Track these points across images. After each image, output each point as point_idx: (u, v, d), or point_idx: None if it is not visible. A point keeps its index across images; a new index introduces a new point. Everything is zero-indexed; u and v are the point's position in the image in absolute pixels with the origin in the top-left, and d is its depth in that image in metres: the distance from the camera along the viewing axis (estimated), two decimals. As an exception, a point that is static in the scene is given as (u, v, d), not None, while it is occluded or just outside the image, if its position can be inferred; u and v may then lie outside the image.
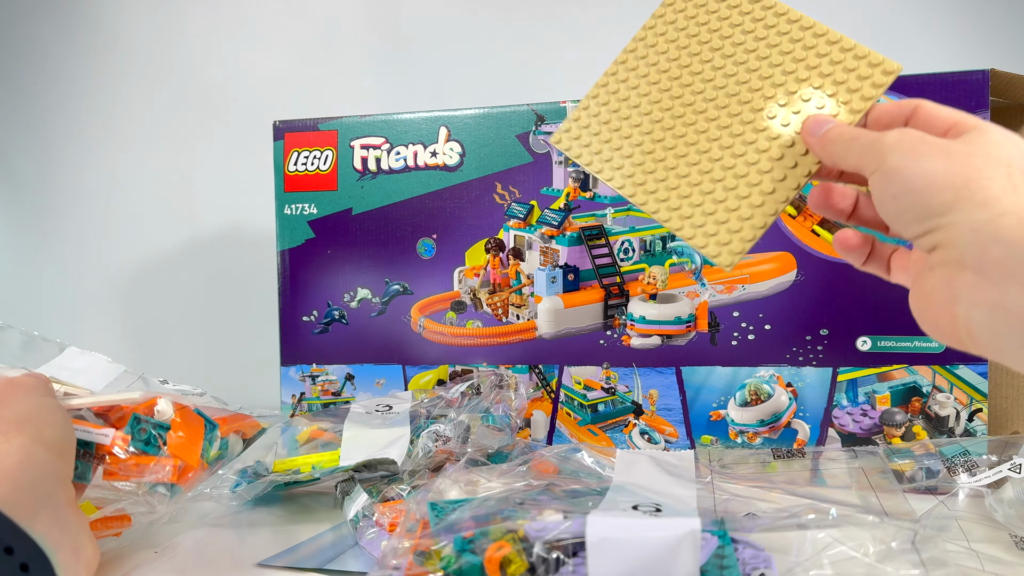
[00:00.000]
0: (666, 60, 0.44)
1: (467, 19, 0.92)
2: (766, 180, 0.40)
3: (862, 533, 0.39)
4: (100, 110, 0.98)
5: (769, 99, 0.42)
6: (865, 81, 0.41)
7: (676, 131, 0.43)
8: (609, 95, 0.45)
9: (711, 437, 0.64)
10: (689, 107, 0.43)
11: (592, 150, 0.44)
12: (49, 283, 1.01)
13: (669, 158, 0.42)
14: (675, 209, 0.41)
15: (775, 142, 0.41)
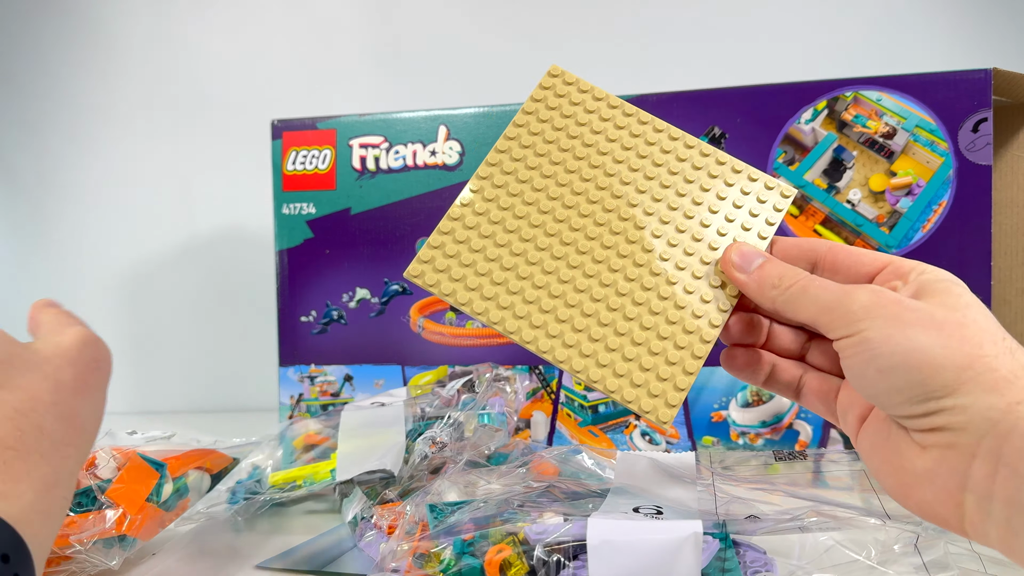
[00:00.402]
0: (540, 177, 0.39)
1: (466, 17, 0.92)
2: (686, 320, 0.37)
3: (864, 536, 0.39)
4: (98, 109, 0.98)
5: (665, 223, 0.38)
6: (764, 205, 0.39)
7: (566, 262, 0.38)
8: (477, 216, 0.39)
9: (712, 438, 0.64)
10: (577, 233, 0.38)
11: (466, 285, 0.38)
12: (47, 283, 1.00)
13: (567, 294, 0.38)
14: (586, 356, 0.37)
15: (682, 273, 0.38)
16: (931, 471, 0.30)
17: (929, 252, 0.58)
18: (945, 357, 0.29)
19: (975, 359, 0.28)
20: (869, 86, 0.59)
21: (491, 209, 0.39)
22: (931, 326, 0.29)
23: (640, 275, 0.38)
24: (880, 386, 0.30)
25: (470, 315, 0.38)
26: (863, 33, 0.84)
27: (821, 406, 0.37)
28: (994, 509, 0.28)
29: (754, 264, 0.35)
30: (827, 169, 0.60)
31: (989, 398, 0.28)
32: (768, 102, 0.61)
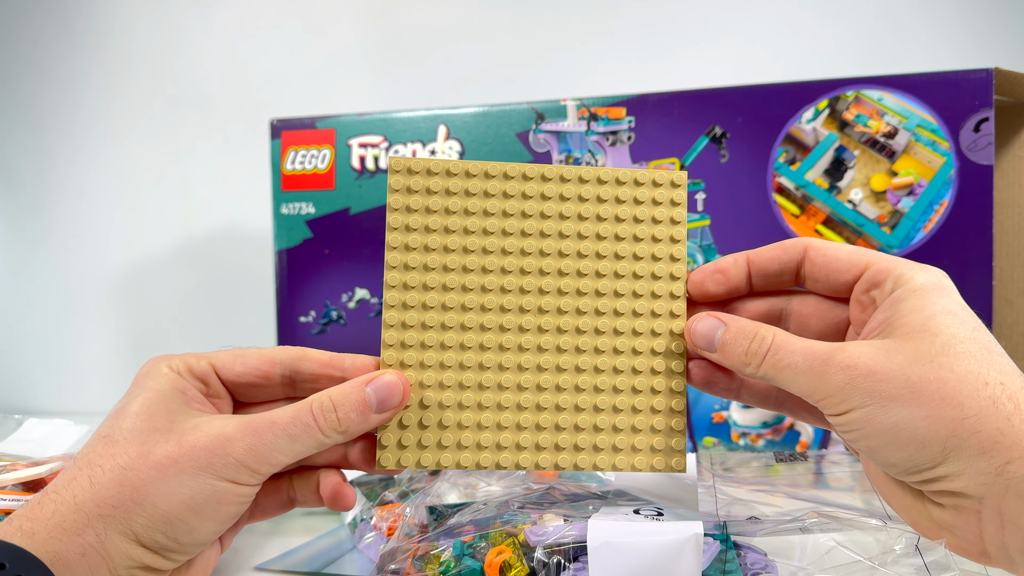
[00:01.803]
0: (445, 291, 0.36)
1: (466, 16, 0.92)
2: (651, 363, 0.36)
3: (865, 537, 0.38)
4: (97, 108, 0.98)
5: (584, 276, 0.37)
6: (661, 207, 0.37)
7: (519, 367, 0.36)
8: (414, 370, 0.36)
9: (713, 439, 0.63)
10: (510, 333, 0.36)
11: (441, 445, 0.36)
12: (45, 283, 1.00)
13: (537, 399, 0.36)
14: (582, 450, 0.36)
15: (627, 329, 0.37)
16: (950, 523, 0.30)
17: (930, 252, 0.58)
18: (928, 429, 0.28)
19: (957, 425, 0.28)
20: (870, 85, 0.59)
21: (421, 346, 0.36)
22: (910, 396, 0.29)
23: (589, 343, 0.37)
24: (876, 459, 0.31)
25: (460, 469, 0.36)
26: (864, 32, 0.84)
27: (810, 417, 0.37)
28: (1015, 557, 0.29)
29: (716, 340, 0.34)
30: (828, 169, 0.60)
31: (977, 464, 0.28)
32: (769, 102, 0.61)
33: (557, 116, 0.66)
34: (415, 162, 0.37)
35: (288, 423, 0.32)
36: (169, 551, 0.32)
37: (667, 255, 0.38)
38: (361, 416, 0.33)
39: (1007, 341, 0.63)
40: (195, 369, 0.35)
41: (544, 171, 0.38)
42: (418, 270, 0.36)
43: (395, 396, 0.34)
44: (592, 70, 0.89)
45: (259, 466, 0.32)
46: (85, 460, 0.32)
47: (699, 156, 0.62)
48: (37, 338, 1.01)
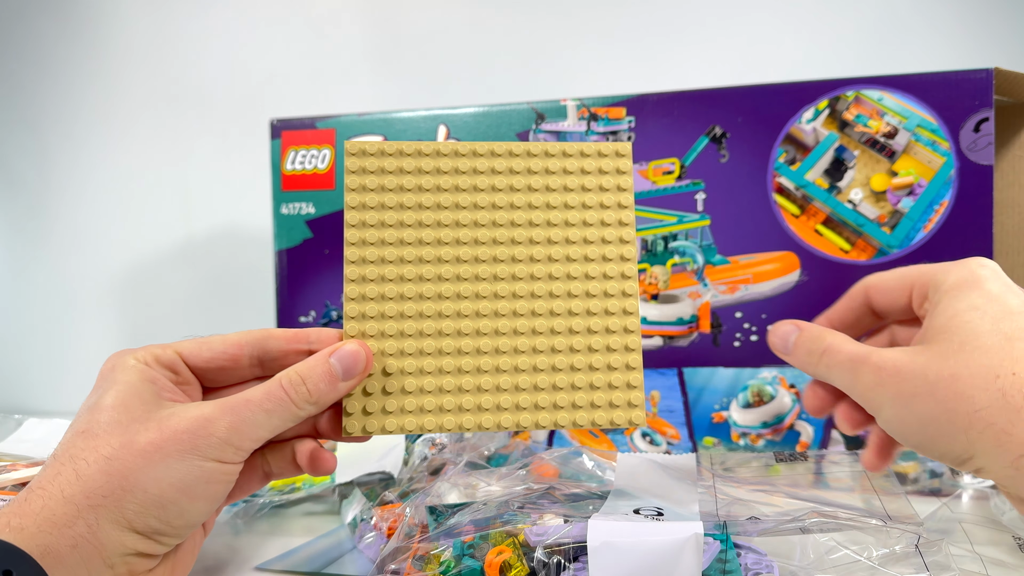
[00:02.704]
0: (404, 263, 0.38)
1: (466, 16, 0.92)
2: (607, 322, 0.38)
3: (866, 537, 0.38)
4: (96, 108, 0.98)
5: (537, 244, 0.38)
6: (608, 176, 0.39)
7: (478, 331, 0.37)
8: (375, 337, 0.37)
9: (713, 439, 0.63)
10: (468, 301, 0.38)
11: (404, 410, 0.37)
12: (45, 282, 1.00)
13: (497, 361, 0.37)
14: (543, 409, 0.37)
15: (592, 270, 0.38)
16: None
17: (930, 252, 0.58)
18: (949, 423, 0.30)
19: (972, 418, 0.30)
20: (870, 85, 0.59)
21: (381, 317, 0.37)
22: (927, 393, 0.31)
23: (545, 306, 0.38)
24: (925, 454, 0.33)
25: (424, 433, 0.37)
26: (864, 32, 0.84)
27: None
28: None
29: (790, 343, 0.37)
30: (828, 169, 0.60)
31: (997, 457, 0.30)
32: (769, 102, 0.61)
33: (557, 116, 0.66)
34: (369, 144, 0.39)
35: (262, 399, 0.33)
36: (162, 535, 0.32)
37: (616, 220, 0.39)
38: (329, 386, 0.35)
39: (1007, 341, 0.63)
40: (162, 359, 0.36)
41: (493, 147, 0.39)
42: (376, 246, 0.38)
43: (359, 364, 0.35)
44: (592, 70, 0.89)
45: (242, 442, 0.33)
46: (66, 455, 0.32)
47: (699, 156, 0.62)
48: (37, 338, 1.01)
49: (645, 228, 0.64)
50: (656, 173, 0.64)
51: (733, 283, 0.62)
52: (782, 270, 0.61)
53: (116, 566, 0.31)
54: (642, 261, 0.64)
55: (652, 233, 0.64)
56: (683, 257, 0.63)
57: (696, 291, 0.63)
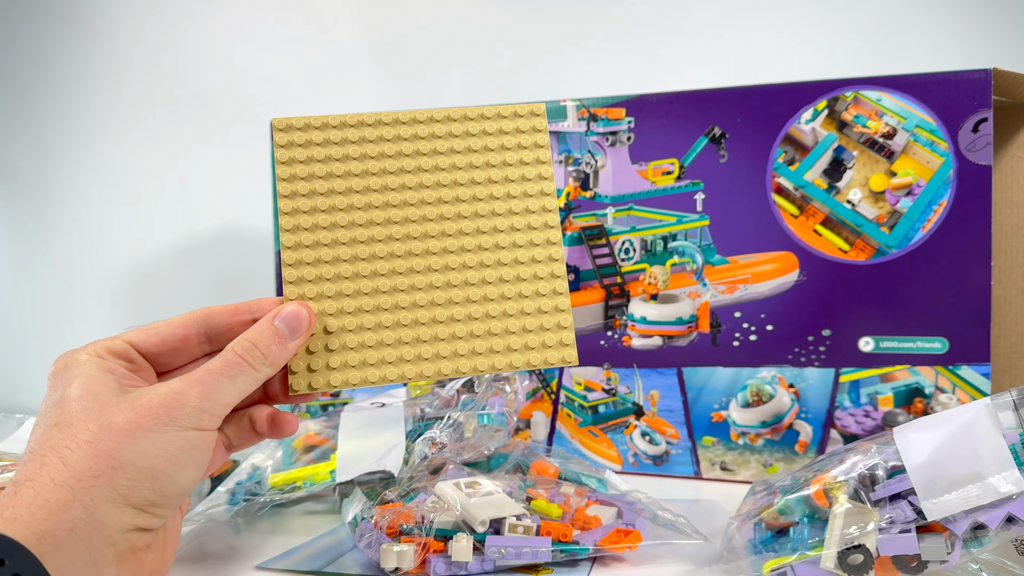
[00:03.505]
0: (340, 228, 0.39)
1: (466, 17, 0.92)
2: (534, 269, 0.40)
3: None
4: (97, 109, 0.98)
5: (463, 202, 0.40)
6: (526, 135, 0.41)
7: (413, 286, 0.39)
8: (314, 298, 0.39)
9: (713, 438, 0.64)
10: (402, 259, 0.39)
11: (348, 364, 0.38)
12: (46, 283, 1.00)
13: (434, 312, 0.39)
14: (480, 355, 0.39)
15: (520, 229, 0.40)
16: None
17: (929, 252, 0.58)
18: None
19: None
20: (869, 86, 0.59)
21: (318, 279, 0.39)
22: None
23: (475, 259, 0.40)
24: None
25: (368, 387, 0.38)
26: (863, 33, 0.84)
27: None
28: None
29: None
30: (827, 169, 0.60)
31: None
32: (768, 102, 0.61)
33: (557, 116, 0.66)
34: (295, 119, 0.41)
35: (223, 367, 0.35)
36: (156, 506, 0.33)
37: (536, 175, 0.41)
38: (280, 346, 0.36)
39: (1006, 340, 0.63)
40: (114, 349, 0.37)
41: (415, 115, 0.41)
42: (308, 213, 0.39)
43: (302, 322, 0.37)
44: (592, 70, 0.89)
45: (214, 409, 0.34)
46: (45, 447, 0.32)
47: (698, 156, 0.63)
48: (38, 338, 1.01)
49: (645, 228, 0.64)
50: (656, 173, 0.64)
51: (732, 283, 0.62)
52: (781, 270, 0.61)
53: (117, 543, 0.31)
54: (641, 261, 0.65)
55: (652, 233, 0.64)
56: (682, 257, 0.64)
57: (695, 291, 0.63)
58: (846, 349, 0.60)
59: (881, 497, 0.38)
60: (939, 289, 0.58)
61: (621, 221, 0.65)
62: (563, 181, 0.66)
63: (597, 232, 0.65)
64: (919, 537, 0.36)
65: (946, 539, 0.36)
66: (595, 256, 0.65)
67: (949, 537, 0.36)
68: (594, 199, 0.65)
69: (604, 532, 0.44)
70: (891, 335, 0.59)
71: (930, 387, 0.59)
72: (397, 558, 0.41)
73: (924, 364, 0.59)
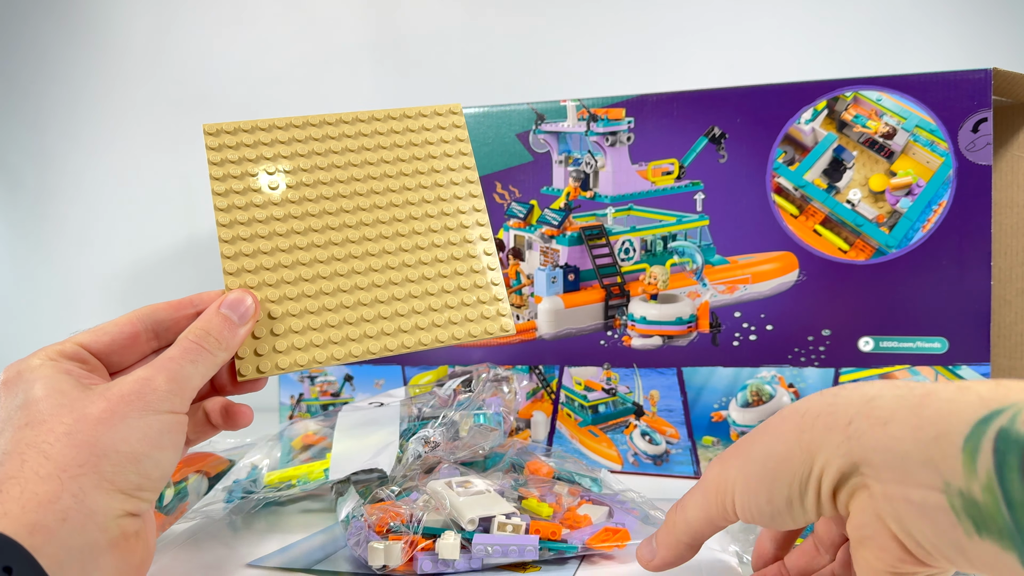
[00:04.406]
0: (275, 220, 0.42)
1: (466, 17, 0.92)
2: (466, 247, 0.42)
3: None
4: (98, 109, 0.98)
5: (393, 192, 0.43)
6: (446, 132, 0.44)
7: (352, 271, 0.41)
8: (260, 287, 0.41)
9: (713, 438, 0.63)
10: (338, 247, 0.41)
11: (293, 346, 0.39)
12: (47, 283, 1.00)
13: (372, 294, 0.41)
14: (422, 329, 0.41)
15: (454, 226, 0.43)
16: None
17: (929, 252, 0.58)
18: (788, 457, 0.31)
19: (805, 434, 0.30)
20: (869, 86, 0.59)
21: (258, 269, 0.41)
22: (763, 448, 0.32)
23: (409, 242, 0.42)
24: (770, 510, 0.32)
25: (313, 368, 0.40)
26: (863, 33, 0.84)
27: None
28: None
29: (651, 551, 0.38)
30: (827, 169, 0.60)
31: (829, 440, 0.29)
32: (768, 102, 0.61)
33: (557, 117, 0.66)
34: (226, 124, 0.44)
35: (182, 353, 0.36)
36: (143, 489, 0.33)
37: (460, 165, 0.44)
38: (231, 330, 0.38)
39: (1006, 341, 0.63)
40: (66, 352, 0.37)
41: (341, 116, 0.44)
42: (243, 209, 0.41)
43: (247, 307, 0.39)
44: (592, 70, 0.89)
45: (183, 391, 0.35)
46: (22, 445, 0.32)
47: (698, 157, 0.62)
48: (38, 338, 1.01)
49: (645, 228, 0.64)
50: (655, 173, 0.64)
51: (732, 283, 0.62)
52: (781, 270, 0.61)
53: (110, 529, 0.31)
54: (641, 261, 0.64)
55: (651, 233, 0.64)
56: (682, 257, 0.63)
57: (695, 291, 0.63)
58: (846, 349, 0.60)
59: None
60: (939, 289, 0.57)
61: (621, 221, 0.65)
62: (563, 181, 0.66)
63: (597, 232, 0.65)
64: None
65: None
66: (595, 256, 0.65)
67: None
68: (594, 199, 0.65)
69: (593, 531, 0.44)
70: (891, 335, 0.59)
71: (930, 388, 0.58)
72: (384, 555, 0.41)
73: (924, 364, 0.58)
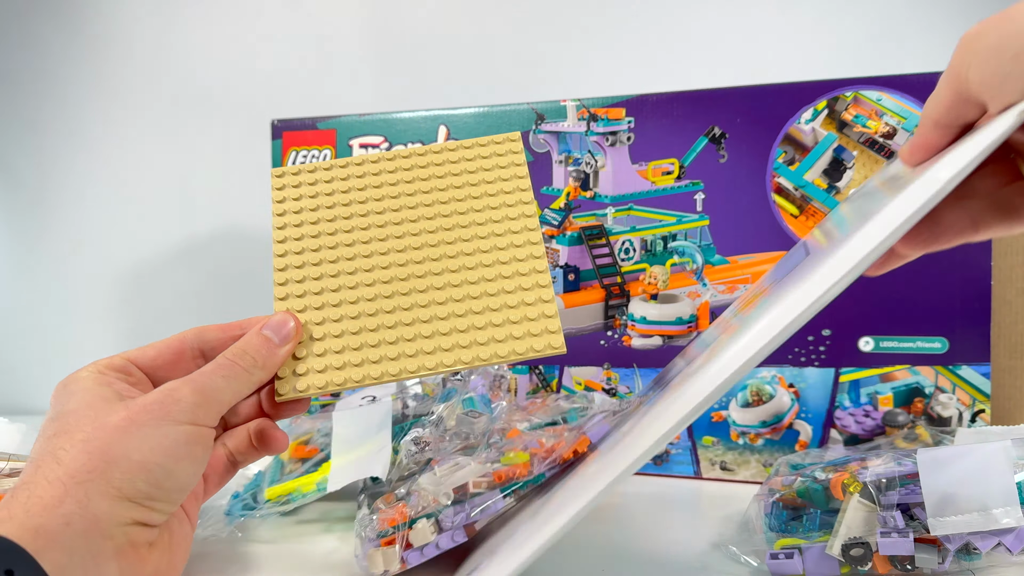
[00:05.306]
0: (328, 249, 0.42)
1: (467, 17, 0.92)
2: (516, 266, 0.41)
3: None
4: (98, 109, 0.98)
5: (446, 216, 0.43)
6: (504, 157, 0.44)
7: (397, 292, 0.41)
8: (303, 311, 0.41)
9: (712, 438, 0.64)
10: (390, 269, 0.41)
11: (333, 367, 0.39)
12: (46, 282, 1.00)
13: (416, 312, 0.40)
14: (466, 347, 0.39)
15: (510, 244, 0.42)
16: None
17: (928, 252, 0.58)
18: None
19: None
20: (869, 86, 0.59)
21: (306, 294, 0.41)
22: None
23: (458, 263, 0.41)
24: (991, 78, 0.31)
25: (357, 388, 0.40)
26: (863, 33, 0.84)
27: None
28: None
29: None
30: (827, 169, 0.60)
31: None
32: (768, 102, 0.61)
33: (557, 116, 0.66)
34: (291, 168, 0.45)
35: (215, 368, 0.36)
36: (154, 499, 0.33)
37: (516, 187, 0.44)
38: (269, 350, 0.38)
39: (1006, 341, 0.63)
40: (113, 365, 0.38)
41: (399, 151, 0.45)
42: (299, 240, 0.43)
43: (288, 328, 0.39)
44: (592, 70, 0.89)
45: (208, 404, 0.35)
46: (45, 451, 0.33)
47: (698, 156, 0.63)
48: (38, 338, 1.01)
49: (645, 228, 0.64)
50: (655, 173, 0.64)
51: (732, 283, 0.62)
52: (781, 270, 0.61)
53: (115, 536, 0.31)
54: (641, 261, 0.65)
55: (652, 233, 0.64)
56: (682, 257, 0.64)
57: (695, 291, 0.63)
58: (846, 349, 0.60)
59: (890, 503, 0.41)
60: (939, 289, 0.58)
61: (621, 221, 0.65)
62: (563, 181, 0.66)
63: (597, 232, 0.65)
64: (916, 546, 0.40)
65: (939, 550, 0.40)
66: (595, 256, 0.65)
67: (942, 550, 0.40)
68: (594, 199, 0.65)
69: (561, 452, 0.44)
70: (891, 335, 0.59)
71: (930, 387, 0.59)
72: (382, 561, 0.41)
73: (924, 364, 0.59)
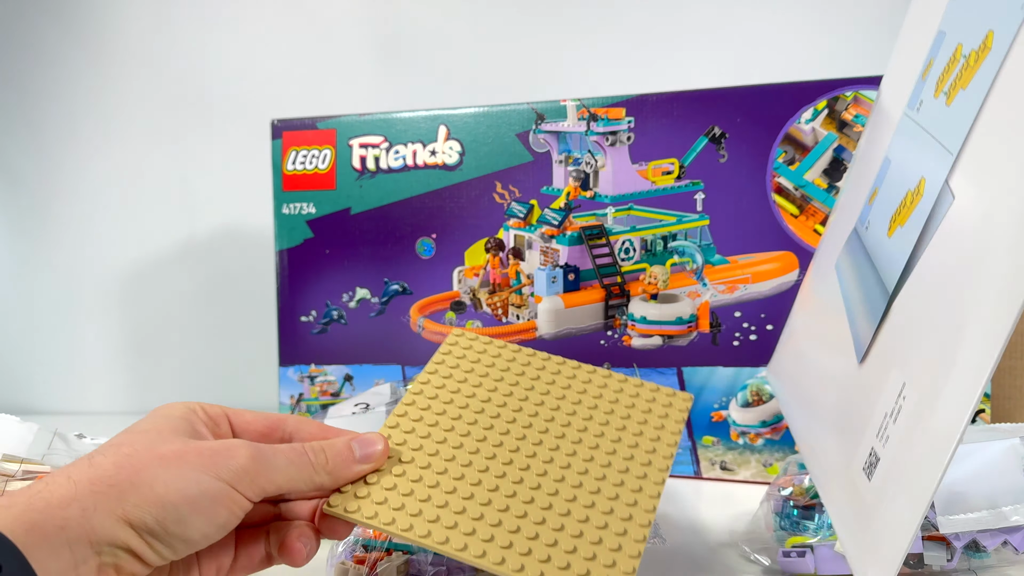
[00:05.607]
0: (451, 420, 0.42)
1: (466, 17, 0.92)
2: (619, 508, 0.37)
3: None
4: (98, 109, 0.98)
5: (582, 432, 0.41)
6: (671, 408, 0.43)
7: (508, 480, 0.38)
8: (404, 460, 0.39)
9: (712, 438, 0.64)
10: (510, 455, 0.40)
11: (396, 504, 0.37)
12: (46, 283, 1.00)
13: (513, 506, 0.37)
14: (541, 562, 0.34)
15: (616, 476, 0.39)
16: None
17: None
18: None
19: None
20: (869, 86, 0.59)
21: (411, 432, 0.41)
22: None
23: (574, 479, 0.39)
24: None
25: (413, 542, 0.36)
26: (863, 33, 0.84)
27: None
28: None
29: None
30: (827, 169, 0.60)
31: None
32: (768, 102, 0.61)
33: (557, 116, 0.66)
34: (469, 331, 0.47)
35: (286, 450, 0.36)
36: (155, 537, 0.32)
37: (666, 443, 0.41)
38: (345, 461, 0.37)
39: (1006, 340, 0.63)
40: (209, 409, 0.38)
41: (568, 360, 0.45)
42: (433, 398, 0.43)
43: (374, 448, 0.38)
44: (592, 70, 0.89)
45: (257, 477, 0.34)
46: (91, 451, 0.33)
47: (698, 156, 0.63)
48: (38, 338, 1.01)
49: (645, 228, 0.65)
50: (655, 173, 0.64)
51: (732, 283, 0.63)
52: (781, 270, 0.61)
53: (104, 554, 0.31)
54: (641, 261, 0.65)
55: (652, 233, 0.64)
56: (682, 257, 0.64)
57: (695, 291, 0.63)
58: (846, 349, 0.60)
59: None
60: (939, 289, 0.58)
61: (621, 221, 0.65)
62: (563, 181, 0.66)
63: (597, 232, 0.65)
64: (925, 544, 0.40)
65: (947, 548, 0.40)
66: (595, 256, 0.65)
67: (950, 548, 0.40)
68: (594, 199, 0.65)
69: None
70: (891, 335, 0.59)
71: (930, 387, 0.59)
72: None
73: (924, 364, 0.59)
